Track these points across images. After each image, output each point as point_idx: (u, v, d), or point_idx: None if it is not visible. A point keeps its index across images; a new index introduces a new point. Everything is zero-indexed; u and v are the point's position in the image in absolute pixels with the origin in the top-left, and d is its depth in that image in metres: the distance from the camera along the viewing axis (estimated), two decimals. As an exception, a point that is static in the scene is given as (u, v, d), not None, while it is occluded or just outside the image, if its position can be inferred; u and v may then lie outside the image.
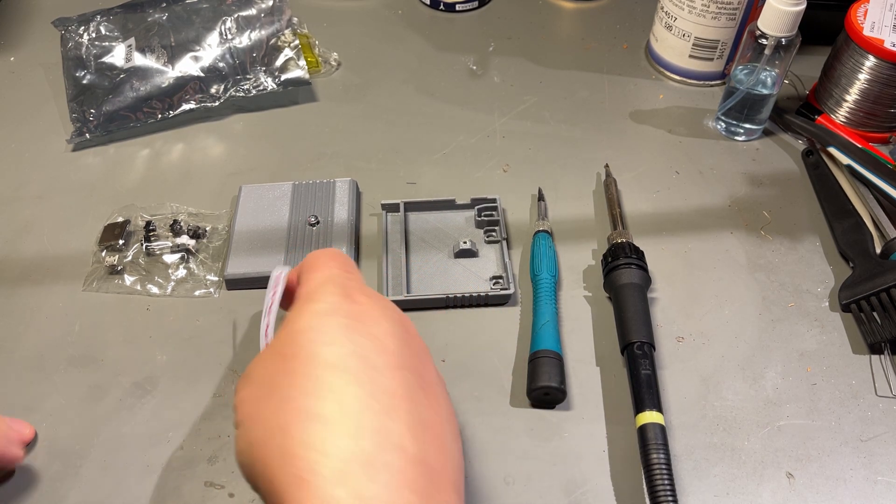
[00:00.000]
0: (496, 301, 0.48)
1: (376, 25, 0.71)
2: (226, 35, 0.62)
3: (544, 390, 0.42)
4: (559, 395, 0.43)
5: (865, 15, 0.54)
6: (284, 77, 0.61)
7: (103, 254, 0.50)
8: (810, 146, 0.58)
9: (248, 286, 0.49)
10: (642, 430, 0.40)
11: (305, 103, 0.63)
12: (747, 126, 0.59)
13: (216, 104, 0.60)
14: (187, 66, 0.60)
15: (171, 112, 0.59)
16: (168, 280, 0.50)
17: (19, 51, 0.67)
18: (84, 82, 0.60)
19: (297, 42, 0.62)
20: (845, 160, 0.54)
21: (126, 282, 0.49)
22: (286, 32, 0.62)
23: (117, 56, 0.60)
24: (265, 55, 0.61)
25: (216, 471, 0.41)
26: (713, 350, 0.46)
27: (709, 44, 0.61)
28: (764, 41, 0.53)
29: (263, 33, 0.62)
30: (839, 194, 0.54)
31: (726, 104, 0.58)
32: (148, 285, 0.49)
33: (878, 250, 0.50)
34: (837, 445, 0.42)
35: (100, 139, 0.59)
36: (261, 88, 0.61)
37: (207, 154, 0.59)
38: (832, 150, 0.55)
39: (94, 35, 0.62)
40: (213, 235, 0.52)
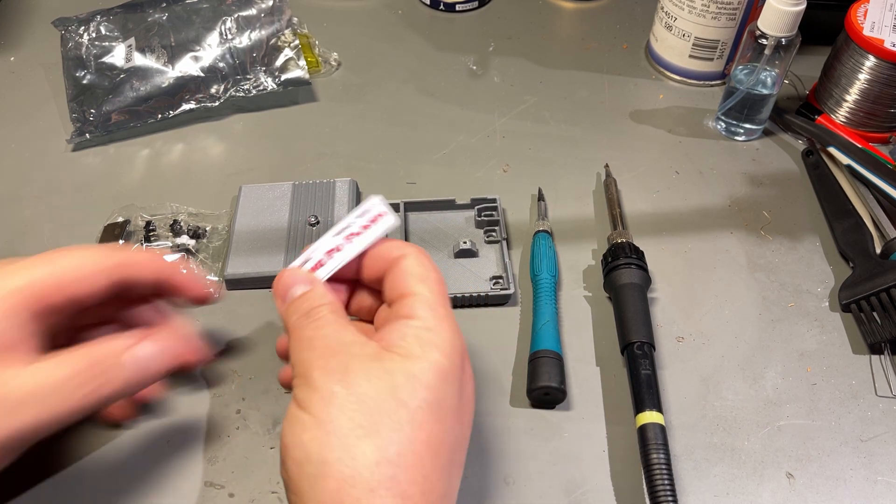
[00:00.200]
0: (496, 301, 0.48)
1: (376, 25, 0.71)
2: (226, 35, 0.62)
3: (544, 390, 0.42)
4: (559, 395, 0.43)
5: (865, 15, 0.54)
6: (284, 77, 0.61)
7: (103, 254, 0.50)
8: (810, 146, 0.58)
9: (249, 286, 0.49)
10: (642, 430, 0.40)
11: (305, 103, 0.63)
12: (747, 126, 0.59)
13: (216, 104, 0.60)
14: (187, 66, 0.60)
15: (171, 112, 0.59)
16: (168, 280, 0.50)
17: (19, 51, 0.67)
18: (84, 82, 0.60)
19: (297, 42, 0.62)
20: (845, 160, 0.54)
21: (126, 282, 0.49)
22: (286, 32, 0.62)
23: (117, 56, 0.60)
24: (265, 55, 0.61)
25: (216, 471, 0.41)
26: (713, 350, 0.46)
27: (709, 44, 0.61)
28: (764, 41, 0.53)
29: (263, 33, 0.62)
30: (839, 194, 0.54)
31: (726, 104, 0.58)
32: (148, 285, 0.49)
33: (878, 250, 0.50)
34: (837, 445, 0.42)
35: (100, 139, 0.59)
36: (261, 88, 0.61)
37: (207, 154, 0.59)
38: (832, 150, 0.55)
39: (94, 35, 0.62)
40: (213, 235, 0.52)
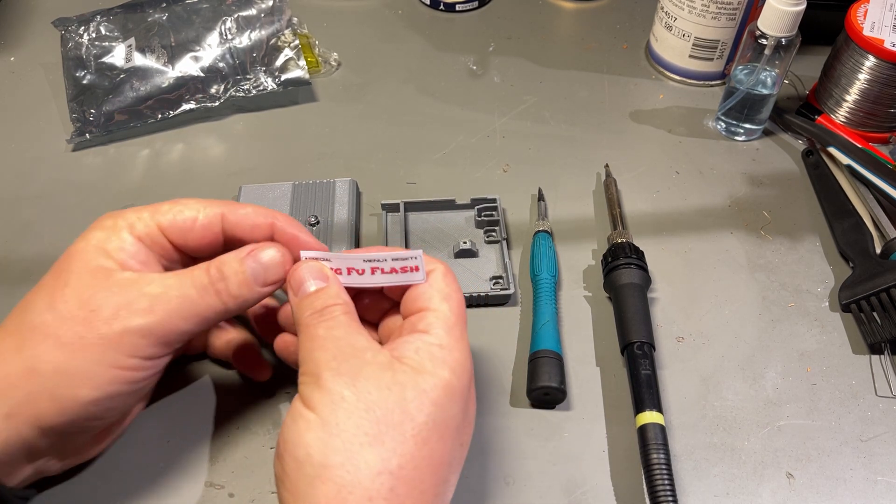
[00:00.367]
0: (496, 301, 0.48)
1: (376, 25, 0.71)
2: (226, 35, 0.62)
3: (544, 390, 0.42)
4: (559, 395, 0.43)
5: (865, 15, 0.54)
6: (284, 77, 0.61)
7: (103, 254, 0.50)
8: (810, 146, 0.58)
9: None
10: (642, 430, 0.40)
11: (305, 103, 0.63)
12: (747, 126, 0.59)
13: (216, 104, 0.60)
14: (187, 66, 0.60)
15: (171, 112, 0.59)
16: (168, 280, 0.49)
17: (19, 51, 0.67)
18: (84, 82, 0.60)
19: (297, 42, 0.62)
20: (845, 160, 0.54)
21: (126, 282, 0.49)
22: (286, 32, 0.62)
23: (117, 56, 0.60)
24: (265, 55, 0.61)
25: (216, 471, 0.41)
26: (713, 350, 0.46)
27: (709, 44, 0.61)
28: (764, 41, 0.53)
29: (263, 33, 0.62)
30: (839, 194, 0.54)
31: (726, 104, 0.58)
32: (148, 285, 0.49)
33: (878, 250, 0.50)
34: (837, 445, 0.42)
35: (100, 139, 0.59)
36: (261, 88, 0.61)
37: (207, 154, 0.59)
38: (832, 150, 0.55)
39: (94, 35, 0.62)
40: (213, 235, 0.52)
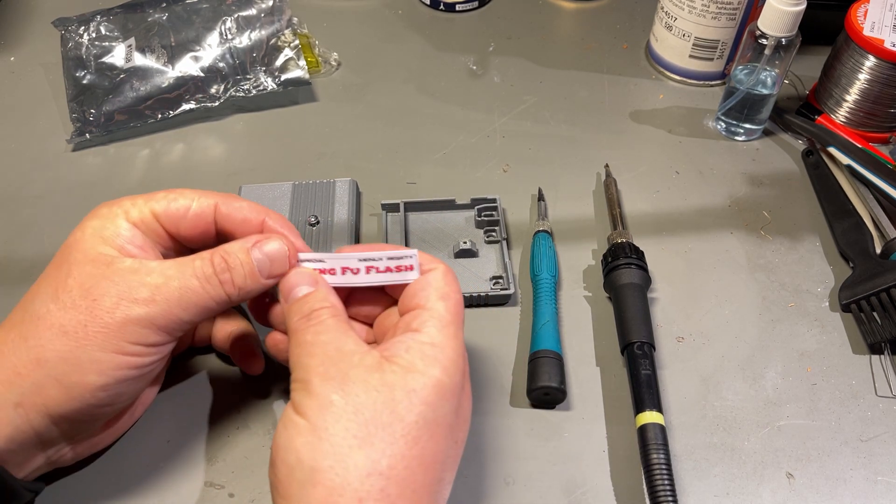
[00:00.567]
0: (496, 301, 0.48)
1: (376, 25, 0.71)
2: (226, 35, 0.62)
3: (544, 390, 0.42)
4: (559, 395, 0.43)
5: (865, 15, 0.54)
6: (284, 77, 0.61)
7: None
8: (810, 146, 0.58)
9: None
10: (642, 431, 0.40)
11: (305, 103, 0.63)
12: (747, 126, 0.59)
13: (216, 104, 0.60)
14: (187, 66, 0.60)
15: (171, 112, 0.59)
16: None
17: (19, 51, 0.67)
18: (84, 82, 0.60)
19: (297, 42, 0.62)
20: (845, 160, 0.54)
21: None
22: (286, 32, 0.62)
23: (117, 56, 0.60)
24: (265, 55, 0.61)
25: (216, 471, 0.41)
26: (713, 350, 0.46)
27: (709, 44, 0.61)
28: (764, 41, 0.53)
29: (263, 33, 0.62)
30: (839, 194, 0.54)
31: (726, 104, 0.58)
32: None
33: (878, 250, 0.50)
34: (837, 445, 0.42)
35: (100, 139, 0.59)
36: (261, 88, 0.61)
37: (207, 154, 0.59)
38: (832, 150, 0.55)
39: (94, 35, 0.62)
40: (213, 235, 0.52)
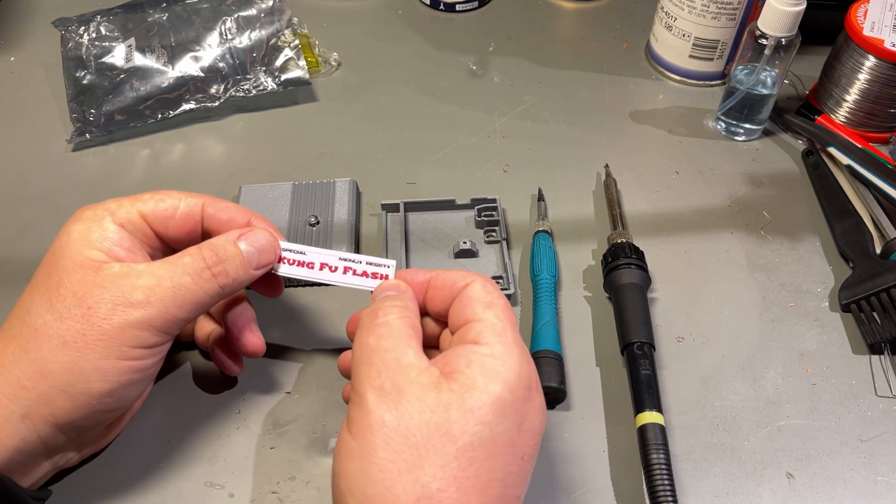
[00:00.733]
0: (496, 301, 0.48)
1: (376, 25, 0.71)
2: (226, 35, 0.62)
3: (544, 390, 0.42)
4: (559, 395, 0.43)
5: (865, 15, 0.54)
6: (284, 77, 0.61)
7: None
8: (810, 146, 0.58)
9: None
10: (642, 431, 0.40)
11: (305, 103, 0.63)
12: (747, 126, 0.59)
13: (216, 104, 0.60)
14: (187, 66, 0.60)
15: (171, 112, 0.59)
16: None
17: (19, 51, 0.67)
18: (84, 82, 0.60)
19: (297, 42, 0.62)
20: (845, 160, 0.54)
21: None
22: (286, 32, 0.62)
23: (117, 56, 0.60)
24: (265, 55, 0.61)
25: (216, 471, 0.41)
26: (713, 350, 0.46)
27: (709, 44, 0.61)
28: (764, 41, 0.53)
29: (263, 33, 0.62)
30: (839, 194, 0.54)
31: (726, 104, 0.58)
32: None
33: (878, 250, 0.50)
34: (837, 445, 0.42)
35: (100, 139, 0.59)
36: (261, 88, 0.61)
37: (207, 154, 0.59)
38: (832, 150, 0.55)
39: (94, 35, 0.62)
40: (213, 235, 0.52)
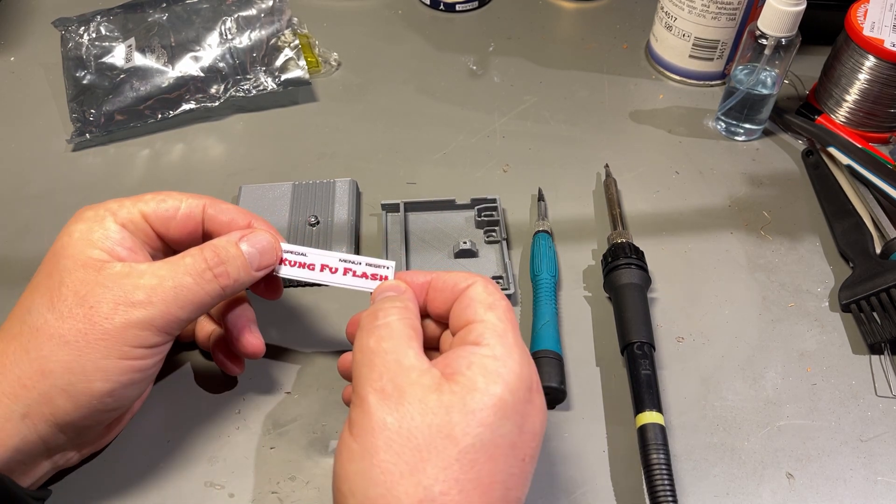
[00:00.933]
0: (496, 301, 0.48)
1: (376, 25, 0.71)
2: (226, 35, 0.62)
3: (544, 390, 0.42)
4: (559, 395, 0.43)
5: (865, 15, 0.54)
6: (284, 77, 0.61)
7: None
8: (810, 146, 0.58)
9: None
10: (642, 431, 0.40)
11: (305, 103, 0.63)
12: (747, 126, 0.59)
13: (216, 104, 0.60)
14: (187, 66, 0.60)
15: (171, 112, 0.59)
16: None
17: (19, 51, 0.67)
18: (84, 82, 0.60)
19: (297, 42, 0.62)
20: (845, 160, 0.54)
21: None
22: (286, 32, 0.62)
23: (117, 56, 0.60)
24: (265, 55, 0.61)
25: (216, 471, 0.41)
26: (713, 350, 0.46)
27: (709, 44, 0.61)
28: (764, 41, 0.53)
29: (263, 33, 0.62)
30: (839, 194, 0.54)
31: (726, 104, 0.58)
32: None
33: (878, 250, 0.50)
34: (837, 445, 0.42)
35: (100, 139, 0.59)
36: (261, 88, 0.61)
37: (207, 154, 0.59)
38: (832, 150, 0.55)
39: (94, 35, 0.62)
40: (213, 235, 0.52)
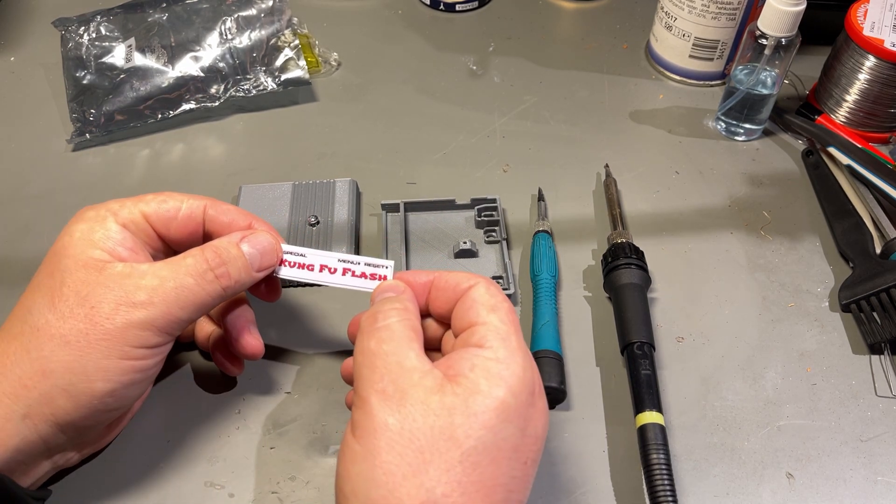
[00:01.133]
0: (496, 301, 0.48)
1: (376, 25, 0.71)
2: (226, 35, 0.62)
3: (545, 390, 0.42)
4: (559, 395, 0.43)
5: (865, 15, 0.54)
6: (284, 77, 0.61)
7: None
8: (810, 146, 0.58)
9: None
10: (642, 431, 0.40)
11: (305, 103, 0.63)
12: (747, 126, 0.59)
13: (216, 104, 0.60)
14: (187, 66, 0.60)
15: (171, 112, 0.59)
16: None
17: (19, 51, 0.67)
18: (84, 82, 0.60)
19: (297, 42, 0.62)
20: (845, 160, 0.54)
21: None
22: (286, 32, 0.62)
23: (117, 56, 0.60)
24: (265, 55, 0.61)
25: (216, 471, 0.41)
26: (713, 350, 0.46)
27: (709, 44, 0.61)
28: (764, 41, 0.53)
29: (263, 33, 0.62)
30: (839, 194, 0.54)
31: (726, 104, 0.58)
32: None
33: (878, 250, 0.50)
34: (837, 445, 0.42)
35: (100, 139, 0.59)
36: (261, 88, 0.61)
37: (207, 154, 0.59)
38: (832, 150, 0.55)
39: (94, 35, 0.62)
40: (213, 235, 0.52)
